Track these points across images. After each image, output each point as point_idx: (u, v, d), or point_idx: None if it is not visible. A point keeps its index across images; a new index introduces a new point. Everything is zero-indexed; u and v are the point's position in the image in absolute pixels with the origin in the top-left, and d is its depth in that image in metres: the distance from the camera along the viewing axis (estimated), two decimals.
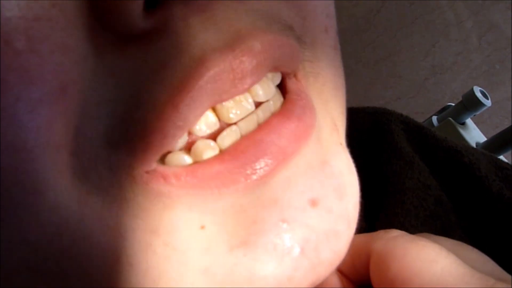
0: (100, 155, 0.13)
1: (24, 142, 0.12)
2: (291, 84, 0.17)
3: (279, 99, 0.17)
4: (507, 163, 0.35)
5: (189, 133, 0.15)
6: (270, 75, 0.17)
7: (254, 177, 0.15)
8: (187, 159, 0.15)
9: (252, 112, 0.16)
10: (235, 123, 0.16)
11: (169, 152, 0.15)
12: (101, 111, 0.13)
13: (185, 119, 0.14)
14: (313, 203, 0.15)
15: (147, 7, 0.12)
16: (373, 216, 0.28)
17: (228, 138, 0.15)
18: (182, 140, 0.15)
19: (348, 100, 0.21)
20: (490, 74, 1.43)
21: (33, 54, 0.11)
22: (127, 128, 0.13)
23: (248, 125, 0.16)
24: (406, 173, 0.30)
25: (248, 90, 0.15)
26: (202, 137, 0.16)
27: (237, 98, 0.15)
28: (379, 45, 1.52)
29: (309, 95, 0.17)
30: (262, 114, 0.16)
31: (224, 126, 0.16)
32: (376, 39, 1.52)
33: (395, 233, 0.18)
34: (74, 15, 0.12)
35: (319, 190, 0.16)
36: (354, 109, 0.38)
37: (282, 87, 0.18)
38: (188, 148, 0.15)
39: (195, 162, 0.15)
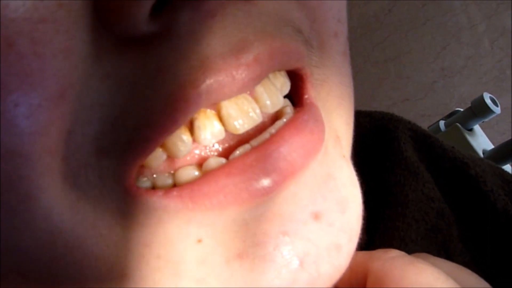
0: (90, 162, 0.13)
1: (21, 147, 0.11)
2: (301, 93, 0.17)
3: (291, 110, 0.17)
4: None
5: (194, 140, 0.15)
6: (278, 84, 0.16)
7: (260, 192, 0.14)
8: (197, 173, 0.15)
9: (264, 130, 0.16)
10: (246, 141, 0.15)
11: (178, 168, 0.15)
12: (93, 115, 0.13)
13: (179, 125, 0.13)
14: (316, 216, 0.15)
15: (153, 11, 0.12)
16: (372, 227, 0.28)
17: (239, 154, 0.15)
18: (186, 148, 0.15)
19: (355, 99, 0.20)
20: (500, 79, 1.41)
21: (36, 57, 0.11)
22: (118, 135, 0.13)
23: (260, 140, 0.15)
24: (410, 184, 0.29)
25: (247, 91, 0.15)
26: (209, 149, 0.15)
27: (244, 107, 0.15)
28: (389, 45, 1.51)
29: (317, 106, 0.17)
30: (274, 130, 0.16)
31: (230, 134, 0.15)
32: (386, 39, 1.51)
33: (394, 253, 0.18)
34: (79, 15, 0.12)
35: (322, 203, 0.16)
36: (361, 112, 0.37)
37: (291, 95, 0.17)
38: (194, 158, 0.15)
39: (203, 174, 0.15)
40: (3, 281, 0.14)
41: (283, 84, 0.17)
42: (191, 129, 0.15)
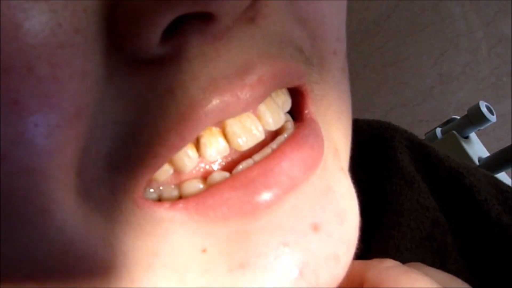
0: (102, 176, 0.14)
1: (39, 165, 0.12)
2: (302, 108, 0.17)
3: (291, 125, 0.17)
4: (508, 186, 0.35)
5: (199, 156, 0.16)
6: (280, 102, 0.17)
7: (262, 205, 0.15)
8: (202, 186, 0.16)
9: (266, 145, 0.16)
10: (249, 156, 0.16)
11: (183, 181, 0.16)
12: (106, 133, 0.13)
13: (187, 142, 0.14)
14: (315, 227, 0.16)
15: (164, 34, 0.12)
16: (368, 235, 0.29)
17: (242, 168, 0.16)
18: (192, 164, 0.15)
19: (353, 104, 0.21)
20: (497, 86, 1.42)
21: (54, 81, 0.12)
22: (129, 151, 0.14)
23: (262, 155, 0.16)
24: (405, 193, 0.30)
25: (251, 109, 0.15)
26: (213, 162, 0.16)
27: (247, 125, 0.16)
28: (388, 51, 1.52)
29: (317, 121, 0.17)
30: (275, 145, 0.16)
31: (233, 151, 0.16)
32: (384, 44, 1.52)
33: (389, 263, 0.19)
34: (94, 39, 0.12)
35: (321, 215, 0.16)
36: (359, 120, 0.38)
37: (292, 111, 0.18)
38: (199, 172, 0.16)
39: (208, 187, 0.15)
40: (16, 287, 0.14)
41: (284, 102, 0.17)
42: (197, 146, 0.15)
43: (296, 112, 0.18)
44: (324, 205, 0.16)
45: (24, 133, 0.12)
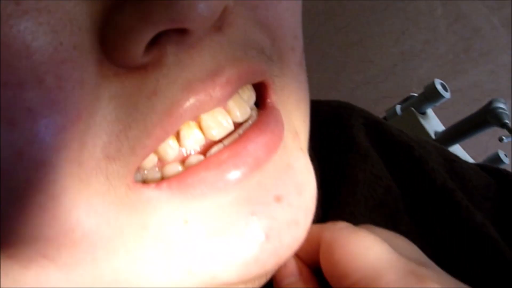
0: (99, 166, 0.16)
1: (49, 159, 0.15)
2: (264, 98, 0.20)
3: (255, 113, 0.20)
4: (456, 156, 0.39)
5: (180, 146, 0.18)
6: (246, 97, 0.20)
7: (232, 182, 0.18)
8: (181, 168, 0.18)
9: (234, 131, 0.19)
10: (220, 141, 0.19)
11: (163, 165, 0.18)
12: (101, 129, 0.16)
13: (170, 135, 0.17)
14: (278, 199, 0.19)
15: (147, 46, 0.15)
16: (328, 204, 0.32)
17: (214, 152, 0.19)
18: (174, 153, 0.18)
19: (319, 83, 0.24)
20: (455, 63, 1.48)
21: (60, 90, 0.14)
22: (121, 144, 0.16)
23: (231, 139, 0.19)
24: (360, 165, 0.33)
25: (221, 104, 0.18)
26: (190, 148, 0.19)
27: (219, 119, 0.19)
28: (352, 30, 1.55)
29: (278, 109, 0.20)
30: (242, 131, 0.19)
31: (208, 140, 0.19)
32: (349, 24, 1.55)
33: (342, 224, 0.22)
34: (89, 53, 0.15)
35: (283, 188, 0.19)
36: (322, 102, 0.41)
37: (256, 100, 0.21)
38: (178, 156, 0.19)
39: (186, 169, 0.18)
40: (33, 264, 0.17)
41: (249, 97, 0.20)
42: (177, 137, 0.18)
43: (260, 102, 0.21)
44: (285, 180, 0.19)
45: (37, 134, 0.14)
